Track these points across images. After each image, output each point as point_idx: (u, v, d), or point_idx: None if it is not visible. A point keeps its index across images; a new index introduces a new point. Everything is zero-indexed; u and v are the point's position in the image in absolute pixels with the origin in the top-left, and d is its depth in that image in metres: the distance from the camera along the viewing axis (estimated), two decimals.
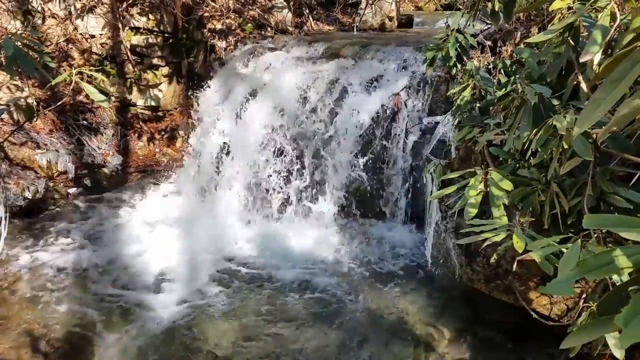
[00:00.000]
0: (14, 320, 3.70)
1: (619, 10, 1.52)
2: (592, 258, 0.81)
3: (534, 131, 1.97)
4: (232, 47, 6.43)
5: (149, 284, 4.26)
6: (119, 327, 3.70)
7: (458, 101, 2.97)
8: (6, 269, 4.37)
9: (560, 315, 3.00)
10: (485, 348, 3.43)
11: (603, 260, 0.79)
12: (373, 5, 7.05)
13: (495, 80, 3.12)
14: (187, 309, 3.92)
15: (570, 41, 1.87)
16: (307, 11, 7.16)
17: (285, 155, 5.34)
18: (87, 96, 5.93)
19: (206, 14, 6.48)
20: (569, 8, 1.99)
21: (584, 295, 2.38)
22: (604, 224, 0.86)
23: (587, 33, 1.96)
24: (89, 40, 6.14)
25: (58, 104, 4.87)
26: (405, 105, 4.92)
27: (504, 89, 2.56)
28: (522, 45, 3.70)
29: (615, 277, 1.75)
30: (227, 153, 5.63)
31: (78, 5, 5.96)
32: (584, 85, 1.73)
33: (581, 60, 1.34)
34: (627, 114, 0.78)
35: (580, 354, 2.38)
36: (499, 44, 4.14)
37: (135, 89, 6.41)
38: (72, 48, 6.06)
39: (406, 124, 4.90)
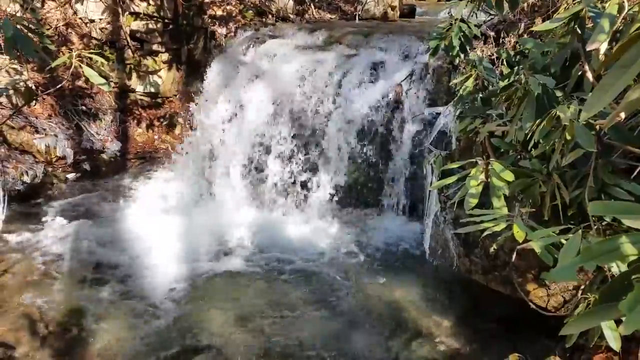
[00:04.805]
0: (12, 303, 3.71)
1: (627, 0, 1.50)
2: (596, 245, 0.80)
3: (537, 122, 1.96)
4: (232, 34, 6.38)
5: (146, 269, 4.26)
6: (115, 311, 3.70)
7: (460, 91, 2.95)
8: (4, 253, 4.37)
9: (557, 307, 3.01)
10: (481, 338, 3.45)
11: (608, 247, 0.78)
12: None
13: (498, 71, 3.10)
14: (184, 294, 3.93)
15: (578, 30, 1.85)
16: None
17: (284, 144, 5.32)
18: (86, 81, 5.89)
19: (207, 0, 6.42)
20: None
21: (581, 287, 2.39)
22: (610, 211, 0.86)
23: (592, 24, 1.95)
24: (88, 24, 6.09)
25: (57, 87, 4.84)
26: (407, 95, 4.90)
27: (507, 79, 2.54)
28: (526, 36, 3.68)
29: (614, 269, 1.75)
30: (226, 140, 5.61)
31: None
32: (589, 75, 1.71)
33: (588, 49, 1.32)
34: (637, 100, 0.77)
35: (577, 345, 2.39)
36: (502, 35, 4.11)
37: (134, 75, 6.37)
38: (71, 32, 6.01)
39: (407, 114, 4.88)
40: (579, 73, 2.06)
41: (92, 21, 6.08)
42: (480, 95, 2.87)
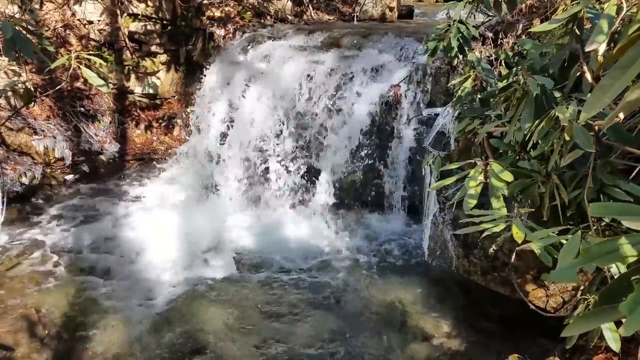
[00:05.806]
0: (11, 305, 3.70)
1: (625, 1, 1.50)
2: (596, 246, 0.80)
3: (536, 123, 1.96)
4: (230, 35, 6.38)
5: (145, 271, 4.26)
6: (114, 313, 3.69)
7: (459, 92, 2.95)
8: (3, 254, 4.36)
9: (556, 307, 3.01)
10: (480, 339, 3.44)
11: (607, 248, 0.78)
12: None
13: (496, 72, 3.10)
14: (183, 295, 3.92)
15: (576, 31, 1.86)
16: (307, 0, 7.10)
17: (283, 145, 5.32)
18: (84, 82, 5.89)
19: (205, 1, 6.42)
20: None
21: (581, 288, 2.39)
22: (610, 212, 0.86)
23: (591, 25, 1.95)
24: (86, 26, 6.09)
25: (56, 88, 4.84)
26: (405, 96, 4.90)
27: (505, 80, 2.54)
28: (524, 37, 3.68)
29: (613, 270, 1.75)
30: (225, 142, 5.61)
31: None
32: (588, 76, 1.71)
33: (587, 49, 1.32)
34: (635, 100, 0.77)
35: (576, 346, 2.39)
36: (500, 36, 4.12)
37: (133, 76, 6.37)
38: (69, 34, 6.01)
39: (406, 115, 4.88)
40: (578, 74, 2.06)
41: (91, 22, 6.08)
42: (479, 96, 2.87)
